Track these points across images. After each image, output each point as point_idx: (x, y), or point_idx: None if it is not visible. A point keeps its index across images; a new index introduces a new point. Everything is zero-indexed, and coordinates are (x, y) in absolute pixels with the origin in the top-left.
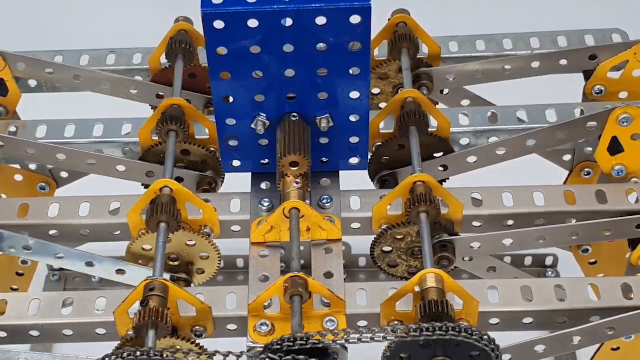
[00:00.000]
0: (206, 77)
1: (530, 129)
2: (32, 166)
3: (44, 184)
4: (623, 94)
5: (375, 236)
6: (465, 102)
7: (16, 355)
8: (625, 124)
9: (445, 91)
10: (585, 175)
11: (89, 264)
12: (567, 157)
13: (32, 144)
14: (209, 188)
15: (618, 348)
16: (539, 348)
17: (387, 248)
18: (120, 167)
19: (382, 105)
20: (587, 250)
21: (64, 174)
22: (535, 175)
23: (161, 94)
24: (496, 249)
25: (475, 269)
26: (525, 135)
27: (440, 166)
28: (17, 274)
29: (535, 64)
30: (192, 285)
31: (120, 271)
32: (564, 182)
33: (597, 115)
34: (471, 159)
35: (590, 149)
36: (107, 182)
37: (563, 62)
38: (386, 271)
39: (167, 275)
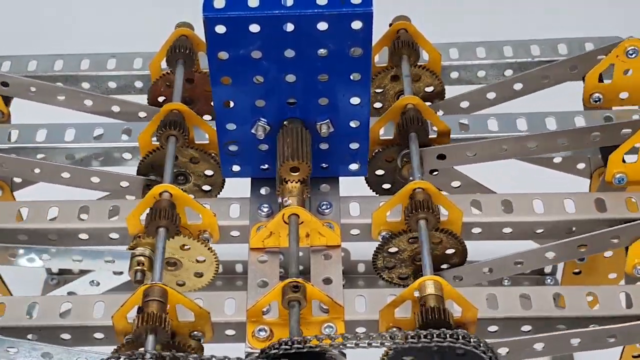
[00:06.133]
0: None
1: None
2: None
3: None
4: (624, 95)
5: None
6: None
7: (18, 343)
8: None
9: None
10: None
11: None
12: (581, 165)
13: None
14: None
15: None
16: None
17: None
18: (95, 179)
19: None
20: (584, 259)
21: (17, 180)
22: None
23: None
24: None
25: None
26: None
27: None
28: None
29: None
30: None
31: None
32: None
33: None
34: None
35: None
36: None
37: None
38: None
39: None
